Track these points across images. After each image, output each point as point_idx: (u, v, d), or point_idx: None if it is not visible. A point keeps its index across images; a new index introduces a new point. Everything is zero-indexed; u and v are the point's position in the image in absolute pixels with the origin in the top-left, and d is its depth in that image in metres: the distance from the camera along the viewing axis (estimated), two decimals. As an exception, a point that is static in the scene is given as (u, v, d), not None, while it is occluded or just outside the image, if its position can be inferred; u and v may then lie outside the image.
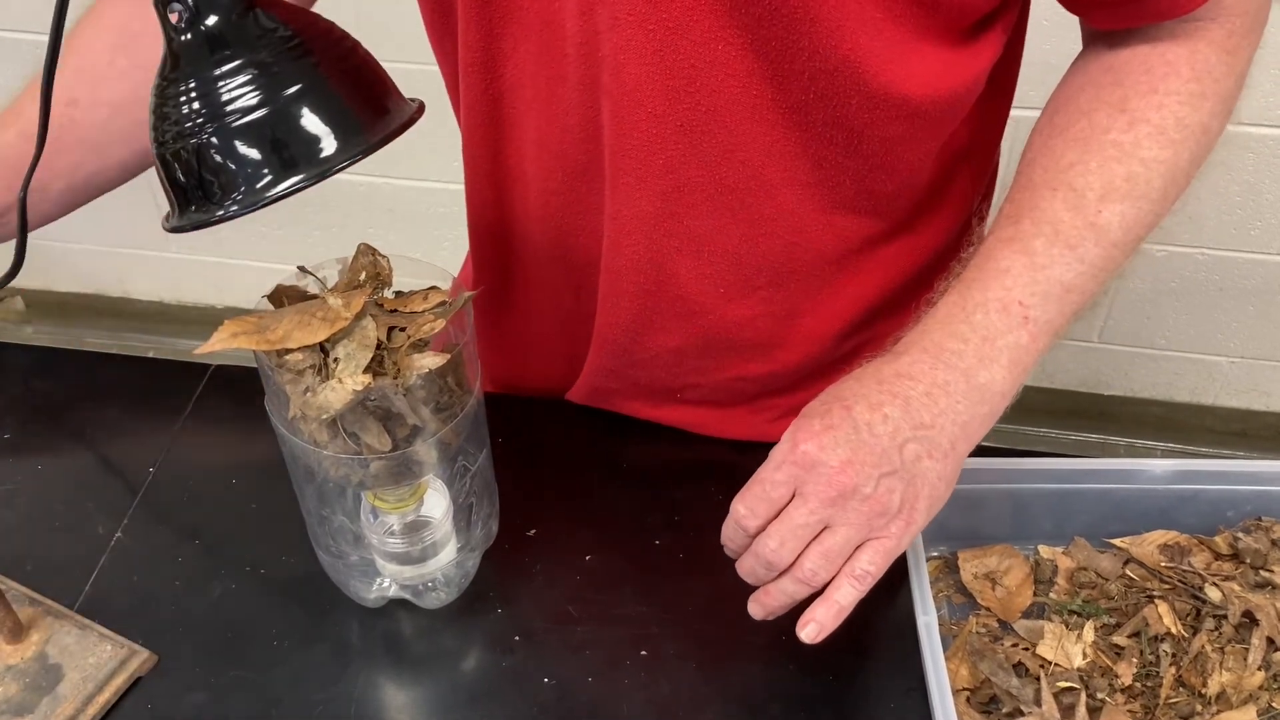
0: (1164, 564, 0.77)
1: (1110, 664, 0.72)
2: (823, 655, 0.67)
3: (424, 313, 0.60)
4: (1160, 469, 0.77)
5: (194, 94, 0.50)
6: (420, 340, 0.59)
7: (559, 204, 0.76)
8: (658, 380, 0.84)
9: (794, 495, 0.61)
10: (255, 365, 0.61)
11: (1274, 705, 0.70)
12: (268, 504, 0.81)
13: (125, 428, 0.88)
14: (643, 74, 0.64)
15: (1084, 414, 1.98)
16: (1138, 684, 0.71)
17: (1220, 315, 1.83)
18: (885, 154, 0.69)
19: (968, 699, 0.70)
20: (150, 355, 1.70)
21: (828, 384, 0.65)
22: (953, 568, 0.78)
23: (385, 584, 0.73)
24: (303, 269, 0.63)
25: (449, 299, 0.62)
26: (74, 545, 0.78)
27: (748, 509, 0.62)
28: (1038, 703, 0.69)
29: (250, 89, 0.49)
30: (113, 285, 2.21)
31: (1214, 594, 0.74)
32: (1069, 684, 0.70)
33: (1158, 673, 0.71)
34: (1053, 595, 0.76)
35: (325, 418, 0.58)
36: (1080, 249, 0.64)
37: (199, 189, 0.51)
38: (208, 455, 0.86)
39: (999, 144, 0.83)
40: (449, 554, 0.71)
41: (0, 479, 0.83)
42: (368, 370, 0.57)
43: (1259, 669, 0.71)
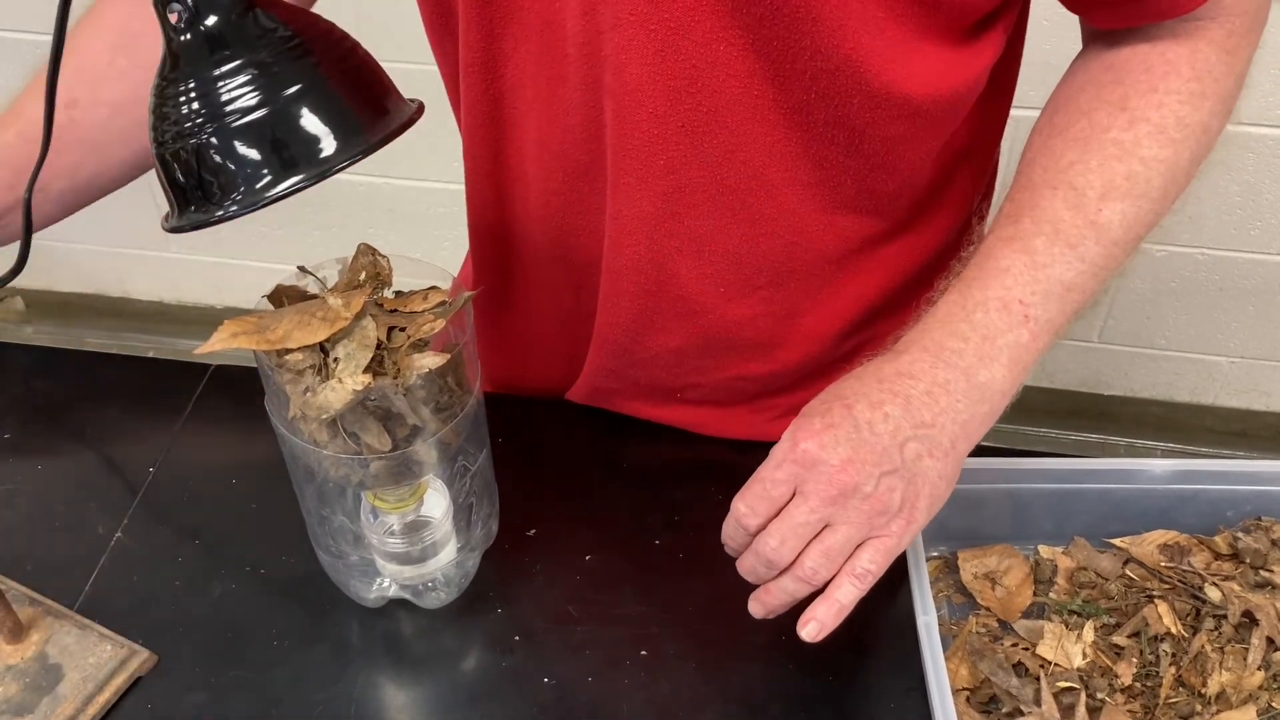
0: (1164, 564, 0.77)
1: (1110, 664, 0.72)
2: (823, 655, 0.67)
3: (424, 313, 0.60)
4: (1160, 469, 0.77)
5: (193, 94, 0.50)
6: (420, 340, 0.59)
7: (560, 204, 0.76)
8: (658, 380, 0.84)
9: (795, 494, 0.61)
10: (255, 365, 0.61)
11: (1274, 705, 0.70)
12: (268, 504, 0.81)
13: (125, 428, 0.88)
14: (644, 74, 0.64)
15: (1084, 414, 1.98)
16: (1137, 684, 0.71)
17: (1220, 315, 1.83)
18: (886, 153, 0.69)
19: (968, 699, 0.70)
20: (150, 355, 1.70)
21: (828, 383, 0.65)
22: (953, 568, 0.78)
23: (385, 584, 0.73)
24: (303, 269, 0.63)
25: (449, 299, 0.62)
26: (74, 545, 0.78)
27: (748, 507, 0.62)
28: (1037, 703, 0.69)
29: (250, 89, 0.49)
30: (113, 285, 2.21)
31: (1214, 594, 0.74)
32: (1069, 684, 0.70)
33: (1157, 673, 0.71)
34: (1053, 595, 0.76)
35: (325, 418, 0.58)
36: (1081, 248, 0.64)
37: (198, 189, 0.51)
38: (208, 455, 0.86)
39: (999, 143, 0.83)
40: (449, 554, 0.71)
41: (0, 479, 0.83)
42: (368, 370, 0.57)
43: (1259, 669, 0.71)
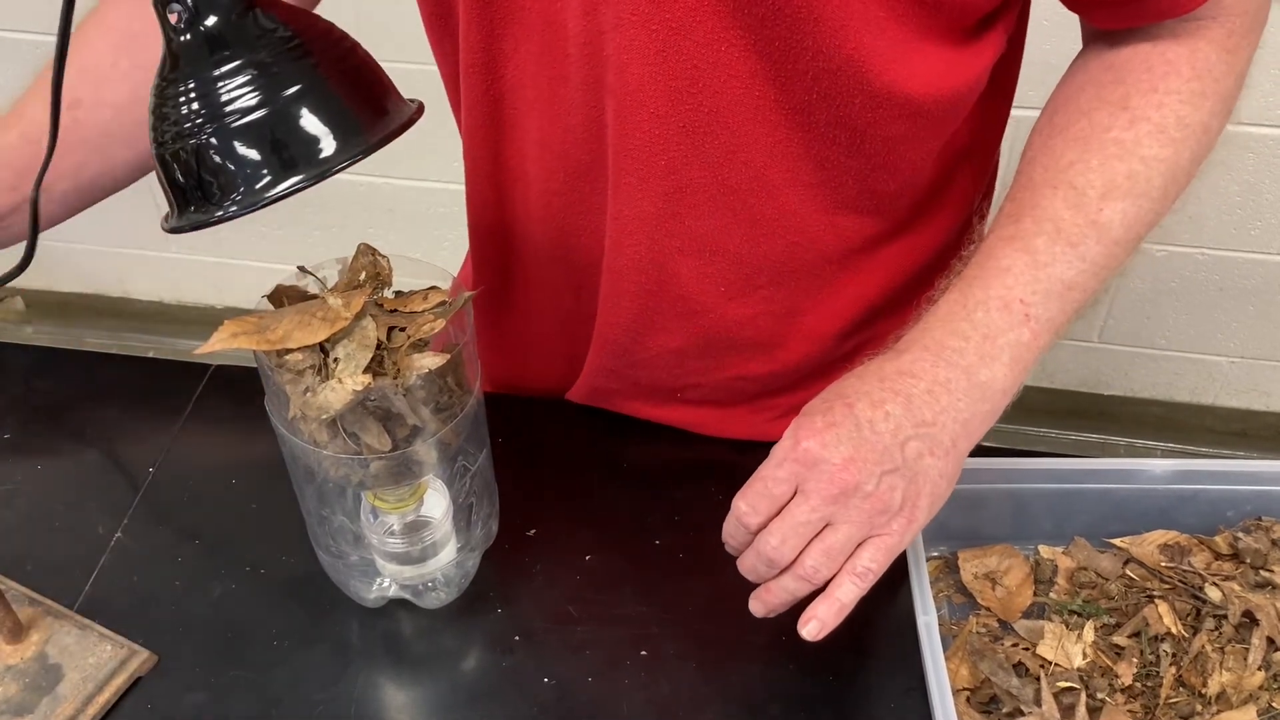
0: (1164, 564, 0.77)
1: (1110, 664, 0.72)
2: (823, 655, 0.67)
3: (424, 313, 0.60)
4: (1160, 469, 0.77)
5: (193, 94, 0.50)
6: (420, 340, 0.59)
7: (561, 204, 0.75)
8: (658, 380, 0.84)
9: (796, 493, 0.61)
10: (255, 365, 0.61)
11: (1274, 705, 0.70)
12: (268, 504, 0.81)
13: (125, 428, 0.88)
14: (646, 74, 0.64)
15: (1084, 414, 1.98)
16: (1138, 684, 0.71)
17: (1220, 315, 1.83)
18: (888, 154, 0.69)
19: (968, 699, 0.70)
20: (150, 355, 1.69)
21: (828, 383, 0.65)
22: (953, 568, 0.78)
23: (385, 584, 0.73)
24: (303, 269, 0.63)
25: (449, 299, 0.62)
26: (74, 545, 0.78)
27: (749, 506, 0.62)
28: (1038, 703, 0.69)
29: (250, 89, 0.49)
30: (113, 285, 2.21)
31: (1214, 594, 0.74)
32: (1069, 684, 0.70)
33: (1158, 673, 0.71)
34: (1053, 595, 0.76)
35: (325, 418, 0.58)
36: (1081, 247, 0.64)
37: (198, 189, 0.50)
38: (208, 455, 0.86)
39: (999, 143, 0.83)
40: (449, 554, 0.71)
41: (0, 479, 0.83)
42: (368, 370, 0.57)
43: (1259, 669, 0.71)
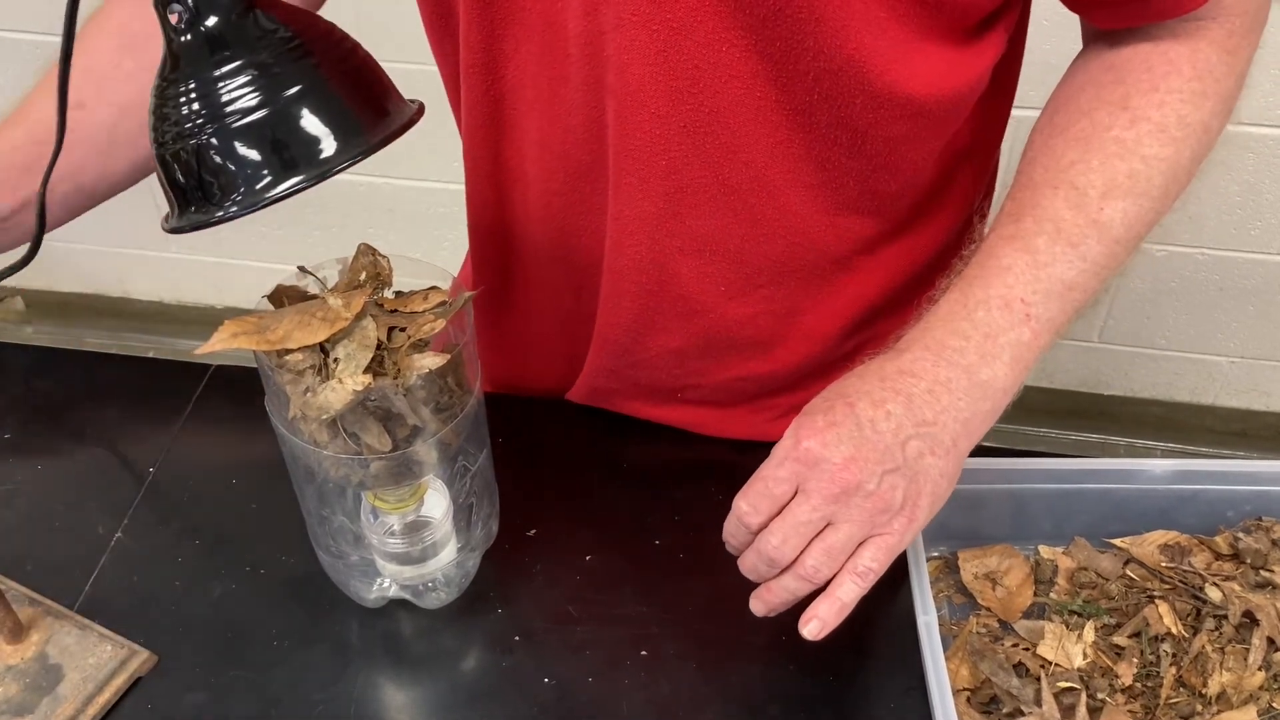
0: (1164, 564, 0.77)
1: (1110, 664, 0.72)
2: (823, 655, 0.67)
3: (424, 313, 0.60)
4: (1160, 469, 0.77)
5: (194, 95, 0.50)
6: (420, 340, 0.59)
7: (561, 204, 0.75)
8: (658, 380, 0.84)
9: (796, 492, 0.61)
10: (255, 365, 0.61)
11: (1274, 705, 0.70)
12: (268, 504, 0.80)
13: (125, 428, 0.88)
14: (646, 74, 0.64)
15: (1084, 414, 1.98)
16: (1138, 684, 0.71)
17: (1220, 315, 1.83)
18: (889, 154, 0.69)
19: (968, 699, 0.70)
20: (150, 355, 1.69)
21: (828, 383, 0.65)
22: (953, 568, 0.78)
23: (385, 584, 0.73)
24: (303, 269, 0.63)
25: (449, 299, 0.62)
26: (74, 545, 0.78)
27: (750, 505, 0.62)
28: (1038, 703, 0.69)
29: (250, 90, 0.49)
30: (113, 285, 2.21)
31: (1214, 594, 0.74)
32: (1069, 684, 0.70)
33: (1158, 673, 0.71)
34: (1053, 595, 0.76)
35: (325, 418, 0.58)
36: (1082, 246, 0.64)
37: (198, 190, 0.50)
38: (208, 455, 0.86)
39: (1000, 143, 0.83)
40: (449, 554, 0.71)
41: (0, 479, 0.83)
42: (368, 370, 0.57)
43: (1259, 669, 0.71)
